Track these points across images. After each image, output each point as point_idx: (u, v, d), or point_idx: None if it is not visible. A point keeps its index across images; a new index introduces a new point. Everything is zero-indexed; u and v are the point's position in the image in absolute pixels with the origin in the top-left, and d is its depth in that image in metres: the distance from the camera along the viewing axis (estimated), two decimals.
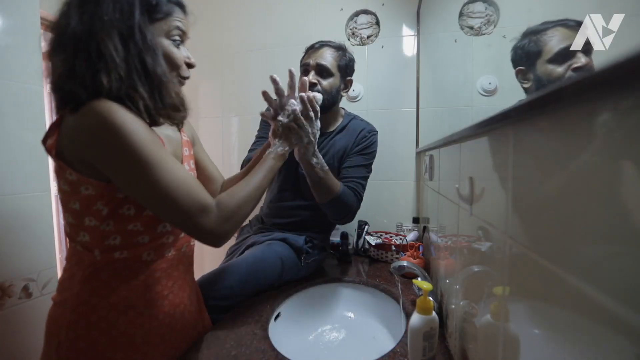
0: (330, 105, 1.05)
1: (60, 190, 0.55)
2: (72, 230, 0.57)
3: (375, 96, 1.42)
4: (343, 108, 1.17)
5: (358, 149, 1.07)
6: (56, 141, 0.53)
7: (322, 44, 1.05)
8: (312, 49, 1.06)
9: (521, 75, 0.42)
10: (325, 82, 1.02)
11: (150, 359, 0.60)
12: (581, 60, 0.30)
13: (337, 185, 0.95)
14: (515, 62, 0.43)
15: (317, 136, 0.83)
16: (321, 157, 0.89)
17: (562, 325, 0.26)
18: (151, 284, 0.60)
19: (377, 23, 1.40)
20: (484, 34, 0.74)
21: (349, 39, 1.43)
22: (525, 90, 0.43)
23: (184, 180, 0.53)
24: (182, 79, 0.62)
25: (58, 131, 0.53)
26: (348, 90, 1.11)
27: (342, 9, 1.43)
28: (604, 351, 0.21)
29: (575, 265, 0.23)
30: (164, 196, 0.50)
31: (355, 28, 1.42)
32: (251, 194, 0.62)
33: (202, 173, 0.80)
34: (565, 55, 0.33)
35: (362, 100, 1.43)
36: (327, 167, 0.91)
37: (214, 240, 0.55)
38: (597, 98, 0.20)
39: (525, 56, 0.41)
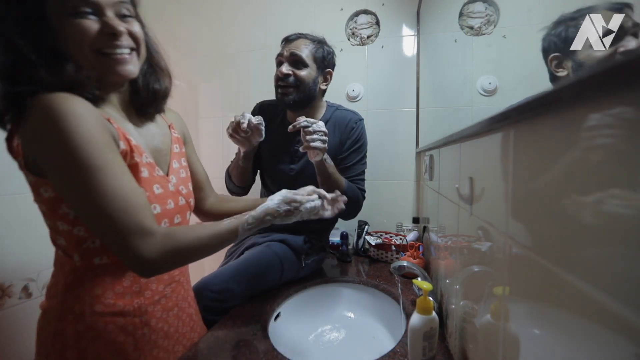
0: (308, 97, 1.01)
1: (32, 192, 0.53)
2: (51, 234, 0.55)
3: (375, 96, 1.42)
4: (326, 101, 1.13)
5: (350, 144, 1.05)
6: (20, 140, 0.50)
7: (298, 36, 1.01)
8: (287, 41, 1.01)
9: (556, 63, 0.40)
10: (299, 73, 0.97)
11: None
12: (631, 43, 0.28)
13: (342, 180, 0.97)
14: (548, 50, 0.41)
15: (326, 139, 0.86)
16: (327, 155, 0.90)
17: (562, 325, 0.26)
18: (139, 290, 0.58)
19: (377, 23, 1.40)
20: (484, 34, 0.74)
21: (349, 39, 1.43)
22: (556, 78, 0.40)
23: (125, 194, 0.47)
24: (102, 54, 0.51)
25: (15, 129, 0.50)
26: (328, 83, 1.06)
27: (342, 9, 1.43)
28: (604, 351, 0.21)
29: (575, 265, 0.23)
30: (96, 206, 0.45)
31: (355, 28, 1.42)
32: (204, 243, 0.53)
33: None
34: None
35: (362, 100, 1.43)
36: (333, 163, 0.93)
37: (145, 269, 0.48)
38: (598, 98, 0.20)
39: (562, 43, 0.38)
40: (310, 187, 0.69)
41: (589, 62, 0.33)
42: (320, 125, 0.84)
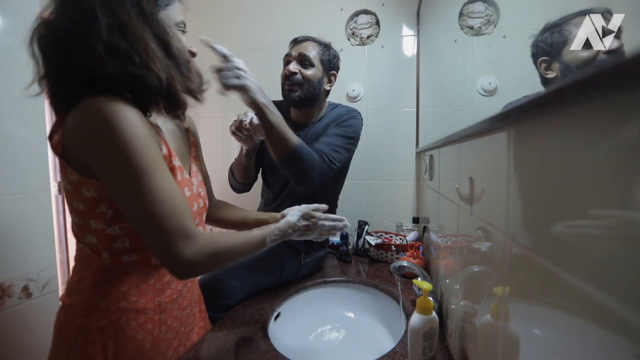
0: (313, 95, 1.03)
1: (64, 189, 0.54)
2: (79, 231, 0.56)
3: (375, 96, 1.42)
4: (328, 101, 1.15)
5: (334, 125, 1.02)
6: (61, 138, 0.51)
7: (306, 38, 1.05)
8: (295, 43, 1.06)
9: (545, 66, 0.42)
10: (306, 72, 1.01)
11: None
12: (613, 43, 0.30)
13: (295, 139, 0.85)
14: (537, 55, 0.44)
15: (253, 80, 0.78)
16: (270, 102, 0.82)
17: (562, 325, 0.26)
18: (161, 288, 0.59)
19: (377, 23, 1.40)
20: (484, 34, 0.74)
21: (349, 39, 1.43)
22: (546, 81, 0.42)
23: (171, 197, 0.49)
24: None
25: (63, 128, 0.51)
26: (332, 84, 1.10)
27: (342, 9, 1.42)
28: (604, 351, 0.21)
29: (575, 265, 0.23)
30: (146, 209, 0.47)
31: (355, 28, 1.42)
32: (239, 250, 0.57)
33: None
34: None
35: (362, 100, 1.43)
36: (280, 115, 0.83)
37: (185, 271, 0.50)
38: (597, 98, 0.20)
39: (549, 47, 0.41)
40: (327, 212, 0.76)
41: (574, 63, 0.36)
42: (237, 62, 0.76)
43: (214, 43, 0.74)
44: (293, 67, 1.01)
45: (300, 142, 0.86)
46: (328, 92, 1.11)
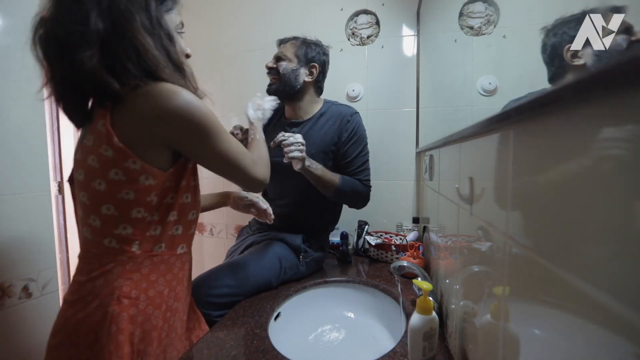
0: (290, 86, 1.06)
1: (109, 181, 0.53)
2: (110, 224, 0.55)
3: (375, 96, 1.42)
4: (324, 98, 1.17)
5: (347, 138, 1.07)
6: (118, 129, 0.52)
7: (290, 38, 1.11)
8: (281, 42, 1.13)
9: (572, 53, 0.42)
10: (279, 64, 1.07)
11: (170, 354, 0.61)
12: None
13: (336, 178, 1.02)
14: (562, 43, 0.43)
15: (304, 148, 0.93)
16: (312, 160, 0.97)
17: (562, 325, 0.26)
18: (182, 277, 0.63)
19: (377, 23, 1.40)
20: (484, 34, 0.74)
21: (349, 39, 1.43)
22: (568, 69, 0.42)
23: (238, 144, 0.65)
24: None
25: (110, 119, 0.52)
26: (314, 77, 1.09)
27: (342, 9, 1.42)
28: (604, 351, 0.21)
29: (575, 265, 0.23)
30: (234, 157, 0.63)
31: (355, 28, 1.42)
32: (266, 153, 0.79)
33: None
34: (625, 30, 0.31)
35: (362, 100, 1.43)
36: (320, 166, 0.99)
37: (263, 185, 0.71)
38: (598, 98, 0.20)
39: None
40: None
41: (612, 47, 0.34)
42: (297, 137, 0.91)
43: (278, 138, 0.91)
44: (271, 63, 1.08)
45: (341, 181, 1.03)
46: (315, 85, 1.11)
